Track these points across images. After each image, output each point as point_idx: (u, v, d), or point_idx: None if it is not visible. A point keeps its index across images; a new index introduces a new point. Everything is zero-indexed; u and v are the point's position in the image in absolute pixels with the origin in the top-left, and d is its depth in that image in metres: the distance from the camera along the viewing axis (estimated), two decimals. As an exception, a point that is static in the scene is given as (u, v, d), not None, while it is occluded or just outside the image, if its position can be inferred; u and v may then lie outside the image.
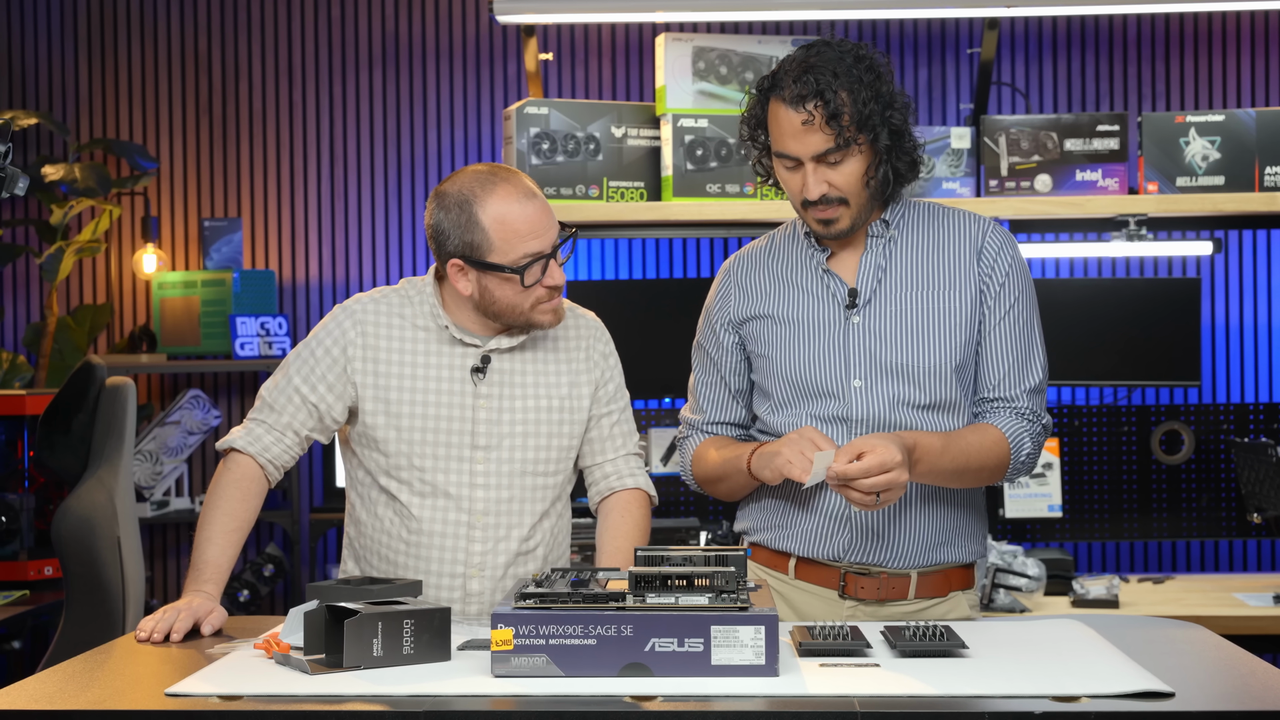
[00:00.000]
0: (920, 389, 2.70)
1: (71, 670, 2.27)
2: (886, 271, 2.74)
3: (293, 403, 2.80)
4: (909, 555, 2.73)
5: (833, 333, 2.74)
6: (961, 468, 2.67)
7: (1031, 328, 2.77)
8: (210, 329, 5.08)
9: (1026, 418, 2.74)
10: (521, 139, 4.29)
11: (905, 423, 2.70)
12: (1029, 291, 2.79)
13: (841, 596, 2.75)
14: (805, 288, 2.78)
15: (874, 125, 2.65)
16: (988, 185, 4.39)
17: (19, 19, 5.33)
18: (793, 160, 2.68)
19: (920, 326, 2.71)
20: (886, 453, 2.48)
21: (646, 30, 5.14)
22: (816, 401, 2.74)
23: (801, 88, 2.63)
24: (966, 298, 2.73)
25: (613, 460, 2.92)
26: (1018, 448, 2.72)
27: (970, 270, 2.74)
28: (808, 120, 2.63)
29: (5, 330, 5.36)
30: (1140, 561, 5.03)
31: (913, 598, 2.74)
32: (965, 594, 2.80)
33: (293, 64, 5.29)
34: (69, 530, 3.50)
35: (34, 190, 5.10)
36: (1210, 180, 4.30)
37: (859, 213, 2.71)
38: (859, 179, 2.67)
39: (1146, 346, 4.66)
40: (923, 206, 2.81)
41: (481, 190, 2.70)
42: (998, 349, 2.74)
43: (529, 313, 2.75)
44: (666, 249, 5.15)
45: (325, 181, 5.28)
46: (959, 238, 2.76)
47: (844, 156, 2.65)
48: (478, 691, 2.09)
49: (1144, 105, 5.07)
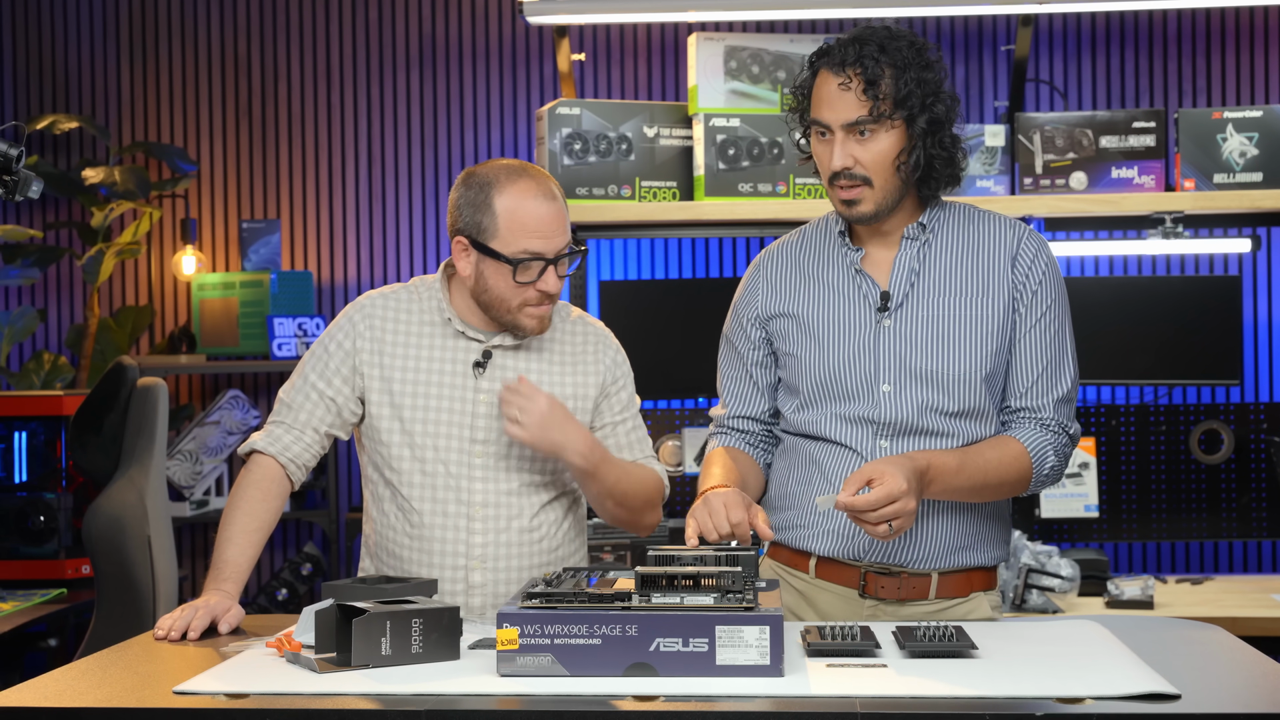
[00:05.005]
0: (949, 396, 2.67)
1: (85, 668, 2.30)
2: (919, 275, 2.71)
3: (310, 400, 2.82)
4: (930, 557, 2.70)
5: (863, 335, 2.70)
6: (979, 485, 2.63)
7: (1063, 336, 2.72)
8: (248, 330, 5.12)
9: (1051, 430, 2.69)
10: (554, 139, 4.30)
11: (933, 429, 2.67)
12: (1062, 299, 2.74)
13: (862, 596, 2.73)
14: (836, 287, 2.75)
15: (911, 107, 2.62)
16: (1022, 183, 4.37)
17: (61, 24, 5.40)
18: (824, 128, 2.66)
19: (951, 333, 2.68)
20: (893, 483, 2.43)
21: (679, 30, 5.14)
22: (843, 403, 2.71)
23: (845, 54, 2.62)
24: (999, 305, 2.69)
25: None
26: (1040, 461, 2.67)
27: (1004, 277, 2.69)
28: (844, 84, 2.62)
29: (48, 332, 5.42)
30: (1180, 562, 4.98)
31: (933, 598, 2.71)
32: (987, 595, 2.77)
33: (330, 67, 5.32)
34: (99, 530, 3.53)
35: (75, 193, 5.16)
36: (1248, 177, 4.25)
37: (883, 197, 2.66)
38: (887, 159, 2.63)
39: (1185, 345, 4.61)
40: (958, 209, 2.78)
41: (505, 178, 2.75)
42: (1027, 357, 2.70)
43: (516, 311, 2.77)
44: (699, 249, 5.15)
45: (362, 183, 5.31)
46: (994, 243, 2.72)
47: (875, 131, 2.62)
48: (482, 691, 2.10)
49: (1183, 101, 5.02)
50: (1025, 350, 2.70)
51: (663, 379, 4.62)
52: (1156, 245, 4.35)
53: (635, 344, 3.90)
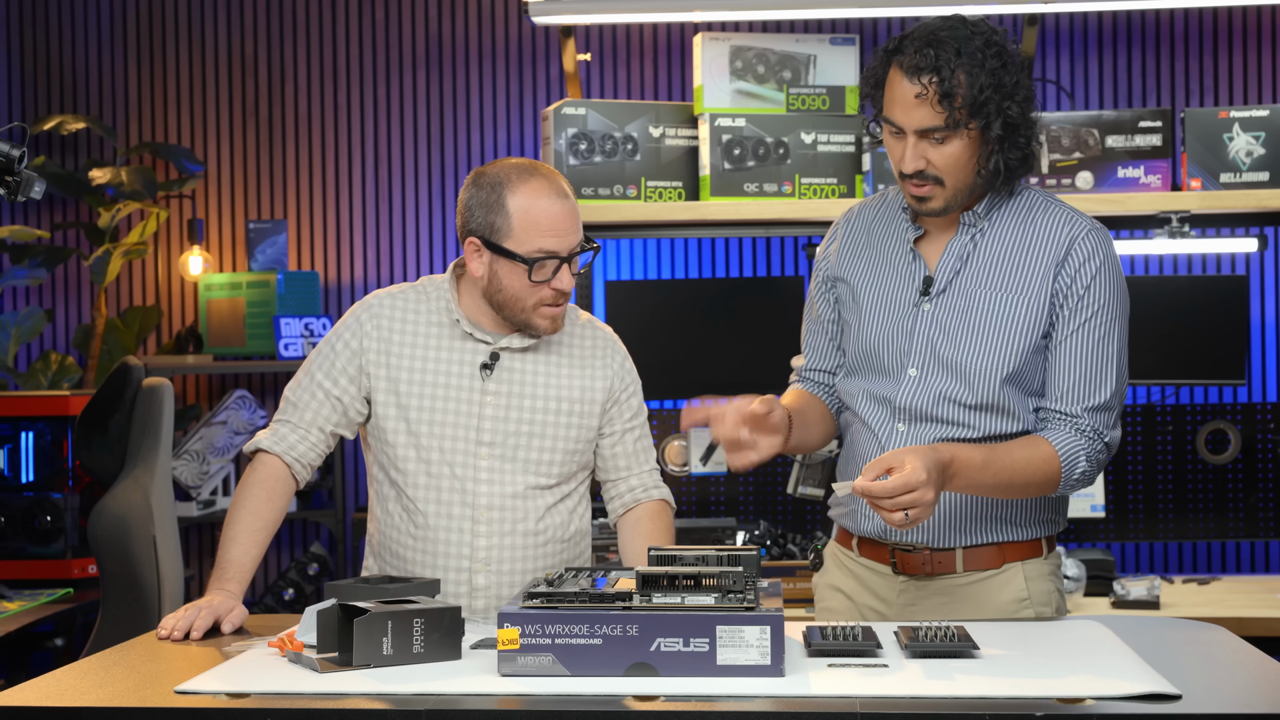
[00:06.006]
0: (969, 388, 2.65)
1: (87, 667, 2.30)
2: (966, 264, 2.68)
3: (315, 398, 2.83)
4: (945, 535, 2.69)
5: (903, 315, 2.71)
6: (1005, 483, 2.59)
7: (1110, 342, 2.66)
8: (255, 330, 5.12)
9: (1086, 435, 2.64)
10: (559, 139, 4.30)
11: (949, 418, 2.66)
12: (1114, 305, 2.66)
13: (895, 573, 2.74)
14: (892, 262, 2.75)
15: (988, 113, 2.57)
16: (1028, 183, 4.35)
17: (69, 25, 5.41)
18: (897, 128, 2.63)
19: (982, 327, 2.66)
20: (912, 472, 2.40)
21: (685, 30, 5.14)
22: (873, 378, 2.73)
23: (920, 59, 2.57)
24: (1036, 304, 2.65)
25: (639, 474, 2.94)
26: (1070, 466, 2.62)
27: (1046, 277, 2.64)
28: (920, 94, 2.57)
29: (55, 332, 5.43)
30: (1187, 562, 4.97)
31: (961, 571, 2.70)
32: (1026, 564, 2.71)
33: (337, 68, 5.33)
34: (104, 530, 3.54)
35: (82, 193, 5.17)
36: (1254, 176, 4.24)
37: (954, 196, 2.64)
38: (960, 162, 2.60)
39: (1192, 345, 4.60)
40: (1026, 198, 2.72)
41: (517, 177, 2.75)
42: (1066, 361, 2.65)
43: (530, 311, 2.77)
44: (705, 249, 5.15)
45: (369, 183, 5.32)
46: (1045, 241, 2.66)
47: (949, 137, 2.59)
48: (483, 690, 2.10)
49: (1189, 101, 5.01)
50: (1065, 354, 2.65)
51: (668, 379, 4.61)
52: (1163, 245, 4.34)
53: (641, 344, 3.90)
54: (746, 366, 4.53)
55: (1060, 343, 2.65)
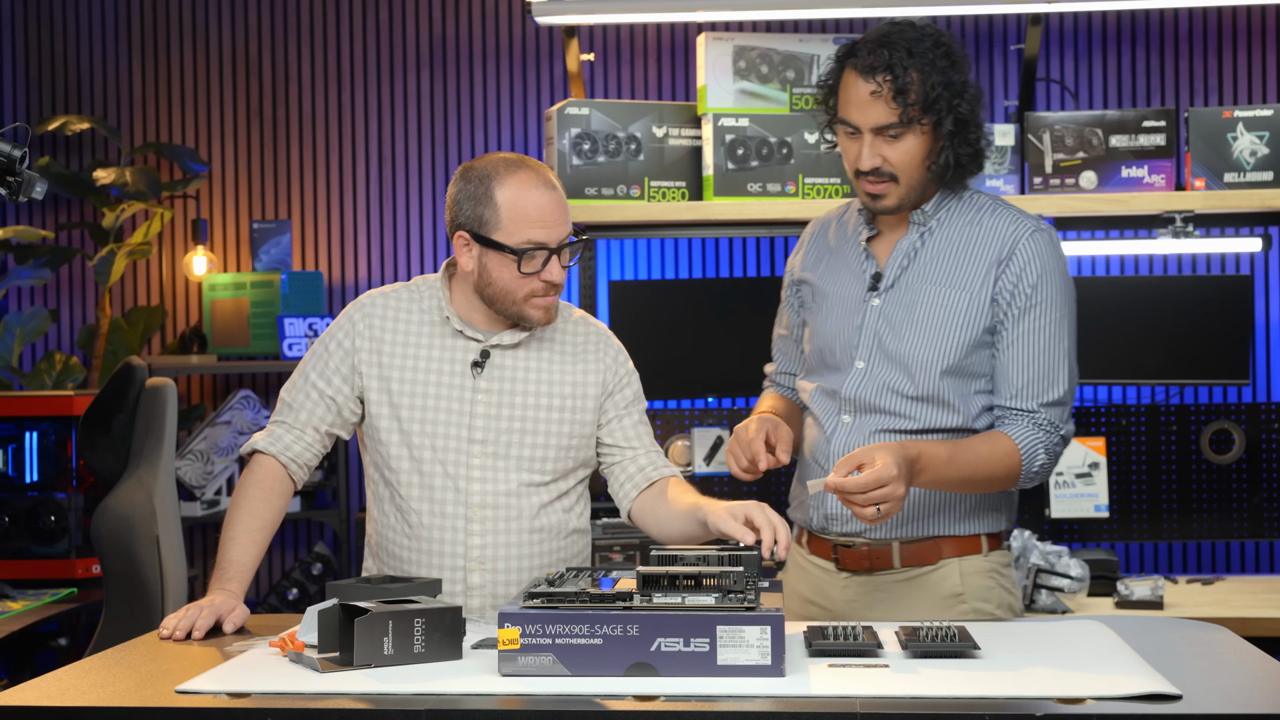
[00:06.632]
0: (911, 380, 2.75)
1: (88, 667, 2.30)
2: (914, 260, 2.79)
3: (310, 399, 2.83)
4: (882, 527, 2.76)
5: (854, 311, 2.81)
6: (969, 477, 2.68)
7: (1059, 339, 2.74)
8: (259, 330, 5.13)
9: (1044, 429, 2.72)
10: (563, 139, 4.31)
11: (891, 409, 2.75)
12: (1061, 303, 2.75)
13: (839, 569, 2.81)
14: (847, 261, 2.86)
15: (939, 109, 2.69)
16: (1032, 183, 4.36)
17: (73, 26, 5.41)
18: (853, 128, 2.74)
19: (925, 320, 2.75)
20: (884, 467, 2.49)
21: (689, 30, 5.14)
22: (826, 374, 2.84)
23: (874, 59, 2.69)
24: (977, 301, 2.74)
25: (645, 453, 2.90)
26: (1030, 459, 2.70)
27: (988, 275, 2.74)
28: (875, 91, 2.69)
29: (60, 332, 5.44)
30: (1191, 563, 4.97)
31: (899, 566, 2.77)
32: (963, 560, 2.77)
33: (340, 68, 5.33)
34: (108, 530, 3.54)
35: (87, 194, 5.18)
36: (1259, 176, 4.24)
37: (909, 193, 2.75)
38: (915, 158, 2.72)
39: (1196, 345, 4.59)
40: (975, 199, 2.83)
41: (505, 170, 2.76)
42: (1018, 359, 2.73)
43: (522, 303, 2.77)
44: (708, 248, 5.14)
45: (373, 183, 5.32)
46: (989, 240, 2.76)
47: (903, 134, 2.70)
48: (483, 690, 2.10)
49: (1193, 100, 5.01)
50: (1016, 352, 2.74)
51: (672, 379, 4.61)
52: (1167, 245, 4.33)
53: (644, 344, 3.91)
54: (749, 366, 4.52)
55: (1012, 343, 2.73)
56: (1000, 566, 2.82)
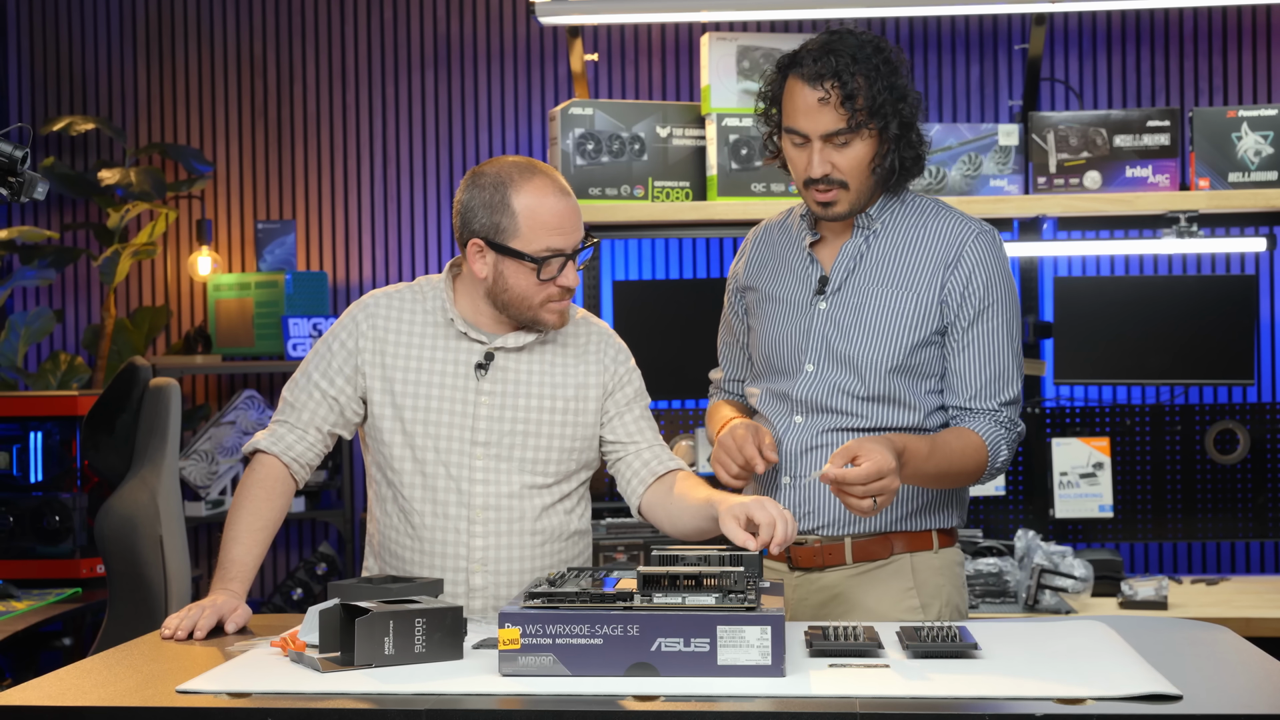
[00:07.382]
0: (861, 380, 2.78)
1: (89, 667, 2.31)
2: (860, 263, 2.82)
3: (313, 399, 2.83)
4: (837, 523, 2.78)
5: (801, 315, 2.84)
6: (944, 471, 2.72)
7: (1010, 340, 2.81)
8: (264, 330, 5.13)
9: (1004, 425, 2.79)
10: (567, 139, 4.31)
11: (842, 409, 2.78)
12: (1009, 304, 2.81)
13: (791, 569, 2.83)
14: (792, 267, 2.89)
15: (885, 114, 2.72)
16: (1036, 183, 4.35)
17: (78, 26, 5.42)
18: (801, 137, 2.75)
19: (872, 321, 2.78)
20: (882, 459, 2.51)
21: (692, 30, 5.14)
22: (775, 378, 2.86)
23: (821, 67, 2.72)
24: (924, 302, 2.78)
25: (650, 448, 2.90)
26: (995, 453, 2.76)
27: (935, 276, 2.78)
28: (823, 98, 2.71)
29: (65, 332, 5.45)
30: (1195, 563, 4.96)
31: (851, 563, 2.79)
32: (915, 556, 2.80)
33: (345, 68, 5.33)
34: (111, 529, 3.54)
35: (91, 194, 5.19)
36: (1263, 175, 4.23)
37: (858, 198, 2.78)
38: (862, 164, 2.74)
39: (1200, 345, 4.59)
40: (919, 203, 2.87)
41: (520, 176, 2.74)
42: (974, 361, 2.79)
43: (537, 308, 2.77)
44: (712, 248, 5.15)
45: (377, 183, 5.33)
46: (935, 243, 2.80)
47: (851, 139, 2.73)
48: (484, 690, 2.10)
49: (1197, 100, 5.00)
50: (969, 355, 2.79)
51: (675, 379, 4.61)
52: (1171, 245, 4.33)
53: (648, 344, 3.91)
54: (754, 366, 4.53)
55: (966, 346, 2.78)
56: (953, 565, 2.85)
